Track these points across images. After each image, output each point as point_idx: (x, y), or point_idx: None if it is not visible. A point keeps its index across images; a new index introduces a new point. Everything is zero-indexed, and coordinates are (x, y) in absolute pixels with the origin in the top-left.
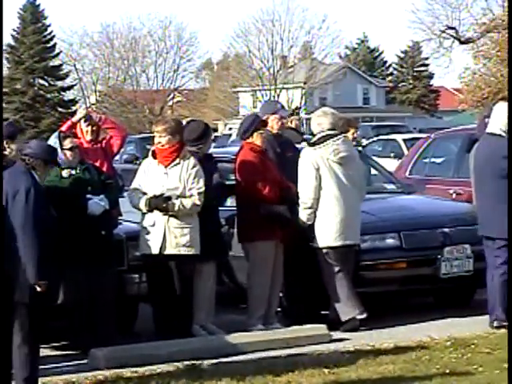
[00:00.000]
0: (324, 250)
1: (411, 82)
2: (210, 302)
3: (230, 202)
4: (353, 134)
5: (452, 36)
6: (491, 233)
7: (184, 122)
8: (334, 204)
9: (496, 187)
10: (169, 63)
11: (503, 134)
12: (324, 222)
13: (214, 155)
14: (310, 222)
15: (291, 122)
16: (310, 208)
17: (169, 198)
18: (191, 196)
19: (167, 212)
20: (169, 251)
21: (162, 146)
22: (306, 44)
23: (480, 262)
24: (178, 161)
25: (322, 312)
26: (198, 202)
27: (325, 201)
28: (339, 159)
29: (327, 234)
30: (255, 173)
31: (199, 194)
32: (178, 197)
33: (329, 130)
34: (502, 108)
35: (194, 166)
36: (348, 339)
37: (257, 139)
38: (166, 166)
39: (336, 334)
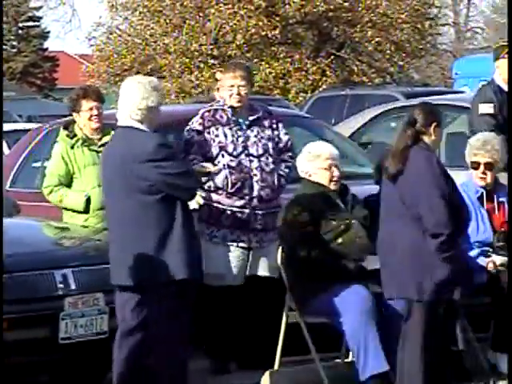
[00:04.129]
0: None
1: (15, 44)
2: None
3: None
4: None
5: None
6: (120, 279)
7: None
8: None
9: (133, 208)
10: None
11: (139, 126)
12: None
13: None
14: None
15: None
16: None
17: None
18: None
19: None
20: None
21: None
22: None
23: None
24: None
25: None
26: None
27: None
28: None
29: None
30: None
31: None
32: None
33: None
34: (134, 85)
35: None
36: None
37: None
38: None
39: None
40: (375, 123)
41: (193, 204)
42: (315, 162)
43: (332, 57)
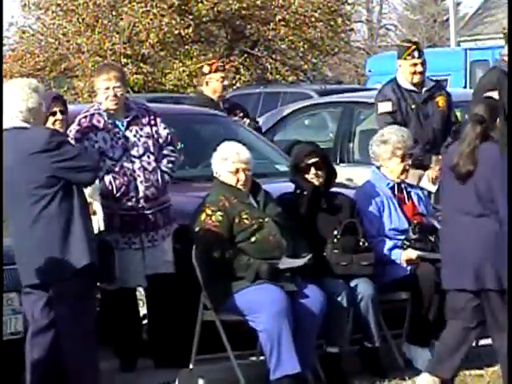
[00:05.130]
0: None
1: None
2: None
3: None
4: None
5: None
6: (29, 279)
7: None
8: None
9: (33, 204)
10: None
11: (25, 125)
12: None
13: None
14: None
15: None
16: None
17: None
18: None
19: None
20: None
21: None
22: None
23: None
24: None
25: None
26: None
27: None
28: None
29: None
30: None
31: None
32: None
33: None
34: (13, 88)
35: None
36: None
37: None
38: None
39: None
40: (289, 121)
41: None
42: (223, 165)
43: (245, 55)
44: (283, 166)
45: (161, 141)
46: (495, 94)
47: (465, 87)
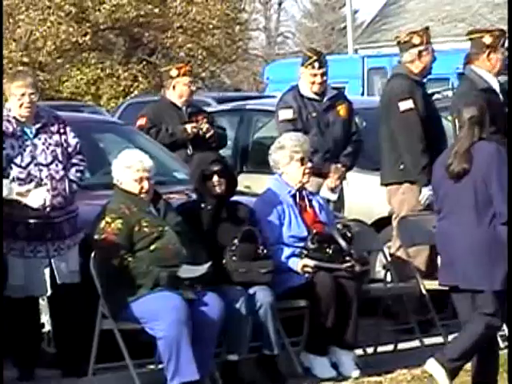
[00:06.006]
0: None
1: None
2: None
3: None
4: None
5: None
6: None
7: None
8: None
9: None
10: None
11: None
12: None
13: None
14: None
15: None
16: None
17: None
18: None
19: None
20: None
21: None
22: None
23: None
24: None
25: None
26: None
27: None
28: None
29: None
30: None
31: None
32: None
33: None
34: None
35: None
36: None
37: None
38: None
39: None
40: None
41: None
42: (126, 173)
43: (144, 62)
44: (181, 174)
45: (70, 149)
46: (409, 103)
47: (362, 94)
